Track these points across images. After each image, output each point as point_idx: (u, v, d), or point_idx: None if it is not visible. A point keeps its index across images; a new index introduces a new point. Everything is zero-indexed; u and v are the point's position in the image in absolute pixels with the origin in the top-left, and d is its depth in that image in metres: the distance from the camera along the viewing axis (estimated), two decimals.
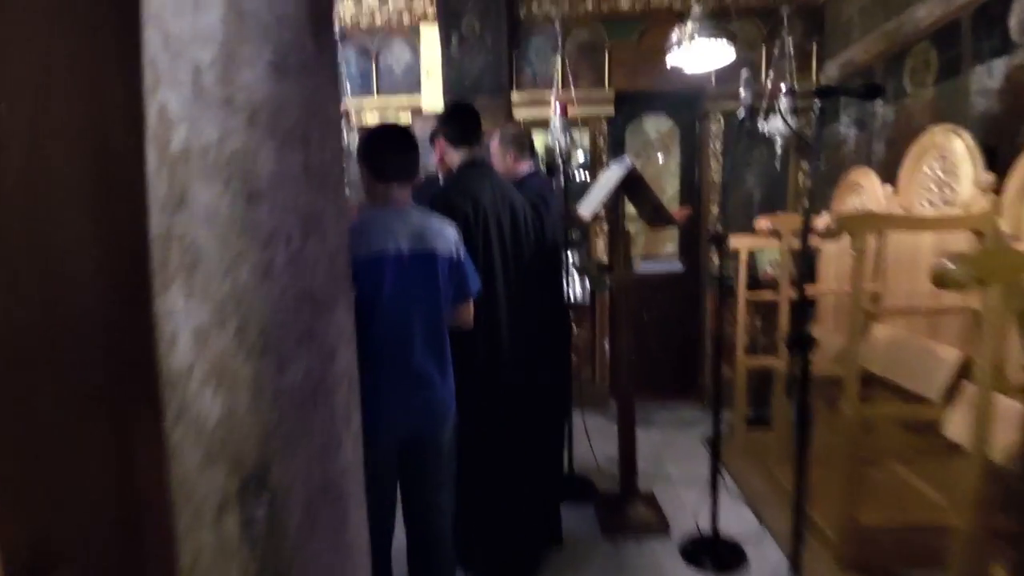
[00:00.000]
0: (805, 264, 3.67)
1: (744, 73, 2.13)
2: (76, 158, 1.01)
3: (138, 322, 1.07)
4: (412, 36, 4.35)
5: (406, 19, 4.31)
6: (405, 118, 4.27)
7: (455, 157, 2.26)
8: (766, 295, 3.56)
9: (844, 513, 2.56)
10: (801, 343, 1.66)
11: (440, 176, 2.66)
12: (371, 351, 1.63)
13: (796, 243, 3.12)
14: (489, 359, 2.24)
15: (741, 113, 2.12)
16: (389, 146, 1.69)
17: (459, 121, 2.26)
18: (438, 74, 4.18)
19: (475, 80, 4.09)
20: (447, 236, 1.72)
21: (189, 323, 1.02)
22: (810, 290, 3.34)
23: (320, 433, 1.08)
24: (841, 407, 2.43)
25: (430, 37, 4.22)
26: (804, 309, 1.77)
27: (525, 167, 2.76)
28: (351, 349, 1.14)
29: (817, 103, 1.68)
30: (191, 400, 1.04)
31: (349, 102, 4.19)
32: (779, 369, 3.44)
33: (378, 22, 4.34)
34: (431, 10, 4.18)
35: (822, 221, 2.60)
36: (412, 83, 4.37)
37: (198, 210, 0.98)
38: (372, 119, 4.23)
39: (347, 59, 4.35)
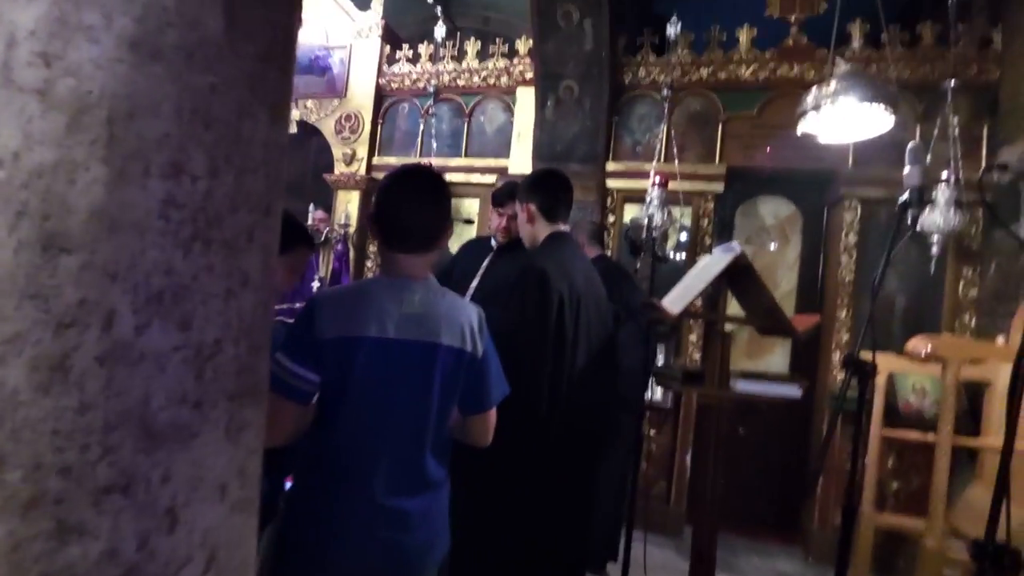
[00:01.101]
0: (972, 409, 2.82)
1: (912, 146, 1.54)
2: None
3: None
4: (508, 97, 4.14)
5: (504, 80, 4.13)
6: (490, 180, 4.00)
7: (543, 230, 1.94)
8: (911, 434, 2.73)
9: None
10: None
11: (493, 240, 2.30)
12: (329, 465, 1.19)
13: (966, 374, 2.37)
14: (533, 475, 1.73)
15: (905, 197, 1.52)
16: (404, 203, 1.24)
17: (557, 192, 1.96)
18: (529, 137, 3.91)
19: (568, 145, 3.76)
20: (461, 323, 1.24)
21: None
22: (985, 440, 2.51)
23: None
24: None
25: (526, 99, 4.00)
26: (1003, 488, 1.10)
27: (592, 252, 2.46)
28: (225, 504, 0.70)
29: None
30: None
31: (434, 160, 4.01)
32: (924, 539, 2.56)
33: (476, 82, 4.20)
34: (531, 74, 3.96)
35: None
36: (502, 145, 4.13)
37: None
38: (456, 179, 4.00)
39: (440, 117, 4.22)
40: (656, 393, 3.48)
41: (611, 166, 3.84)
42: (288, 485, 1.42)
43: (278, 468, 1.37)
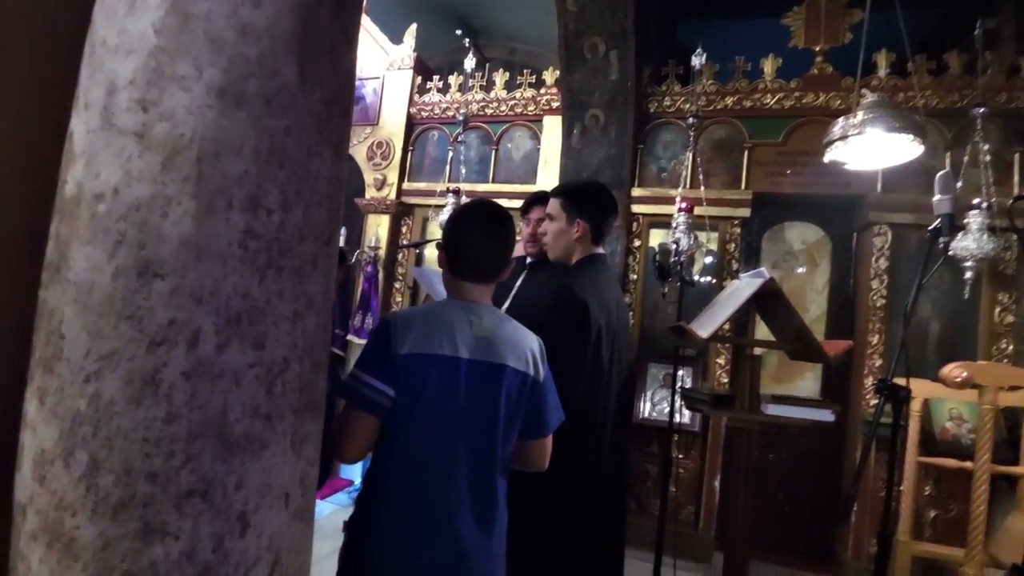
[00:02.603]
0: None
1: (941, 175, 1.56)
2: None
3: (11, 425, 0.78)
4: (535, 125, 4.25)
5: (531, 109, 4.23)
6: (516, 204, 4.09)
7: (583, 251, 1.86)
8: (948, 462, 2.67)
9: None
10: None
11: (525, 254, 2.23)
12: (392, 482, 1.21)
13: (1004, 400, 2.33)
14: (582, 507, 1.73)
15: (935, 224, 1.53)
16: (471, 236, 1.31)
17: (609, 216, 1.87)
18: (556, 163, 3.99)
19: (594, 172, 3.82)
20: (524, 348, 1.29)
21: (34, 443, 0.69)
22: None
23: None
24: None
25: (553, 127, 4.09)
26: None
27: None
28: (289, 511, 0.75)
29: None
30: (21, 553, 0.69)
31: (462, 186, 4.11)
32: (962, 568, 2.49)
33: (504, 111, 4.31)
34: (557, 103, 4.06)
35: None
36: (529, 171, 4.22)
37: (72, 280, 0.68)
38: None
39: (468, 144, 4.34)
40: (684, 416, 3.46)
41: (636, 192, 3.88)
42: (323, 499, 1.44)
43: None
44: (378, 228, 4.48)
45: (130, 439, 0.64)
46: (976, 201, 2.89)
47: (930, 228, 1.61)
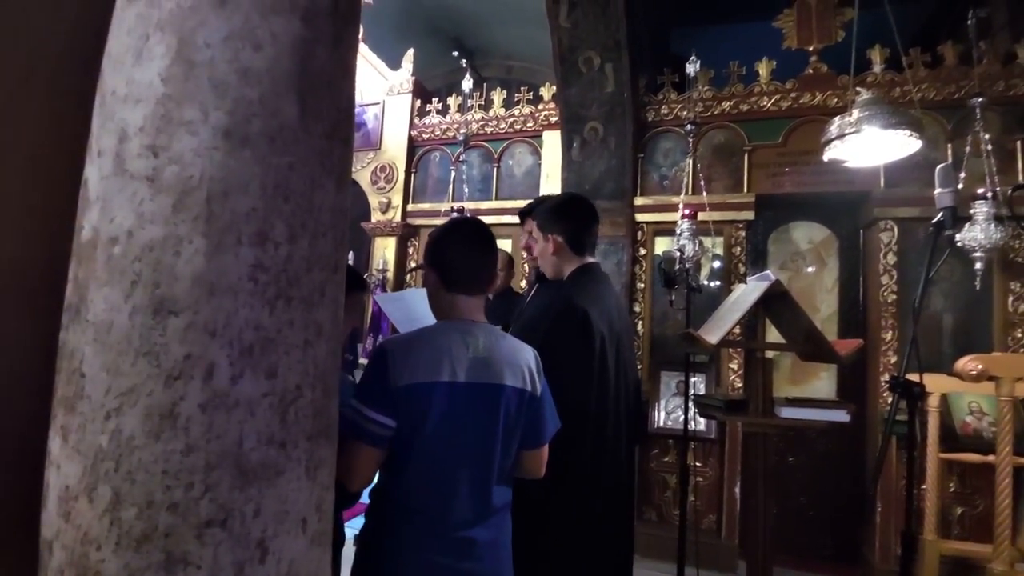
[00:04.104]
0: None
1: (941, 168, 1.57)
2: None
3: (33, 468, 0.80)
4: (535, 141, 4.30)
5: (531, 125, 4.29)
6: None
7: (570, 264, 1.87)
8: (969, 457, 2.64)
9: None
10: None
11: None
12: (400, 503, 1.25)
13: (1022, 391, 2.30)
14: (595, 514, 1.73)
15: (938, 218, 1.53)
16: (461, 248, 1.35)
17: (586, 222, 1.87)
18: (558, 178, 4.03)
19: (596, 183, 3.85)
20: (521, 365, 1.32)
21: (59, 480, 0.71)
22: None
23: None
24: None
25: (553, 141, 4.14)
26: None
27: None
28: (307, 537, 0.76)
29: None
30: None
31: (466, 205, 4.16)
32: (990, 565, 2.44)
33: (503, 128, 4.37)
34: (556, 118, 4.10)
35: None
36: (531, 186, 4.27)
37: (91, 321, 0.70)
38: (487, 221, 4.12)
39: (470, 163, 4.39)
40: (699, 423, 3.44)
41: (639, 201, 3.90)
42: (345, 520, 1.48)
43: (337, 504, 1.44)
44: (385, 250, 4.53)
45: (151, 472, 0.66)
46: (981, 191, 2.88)
47: (933, 222, 1.61)
